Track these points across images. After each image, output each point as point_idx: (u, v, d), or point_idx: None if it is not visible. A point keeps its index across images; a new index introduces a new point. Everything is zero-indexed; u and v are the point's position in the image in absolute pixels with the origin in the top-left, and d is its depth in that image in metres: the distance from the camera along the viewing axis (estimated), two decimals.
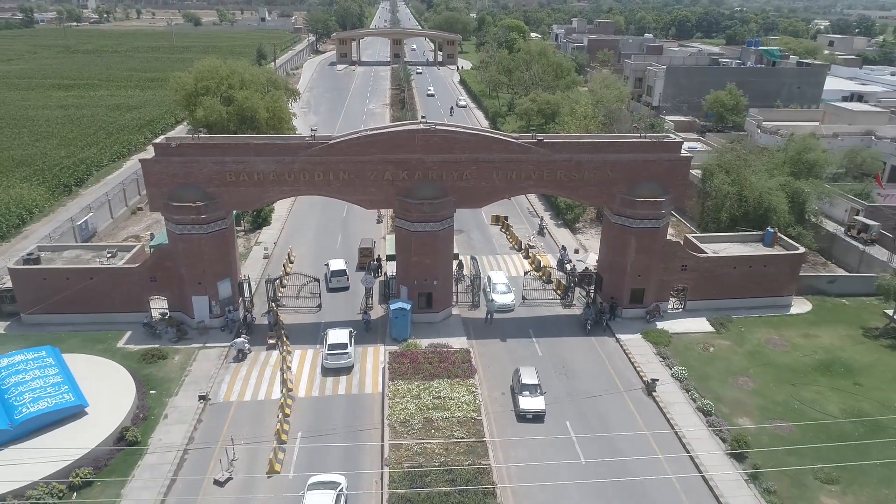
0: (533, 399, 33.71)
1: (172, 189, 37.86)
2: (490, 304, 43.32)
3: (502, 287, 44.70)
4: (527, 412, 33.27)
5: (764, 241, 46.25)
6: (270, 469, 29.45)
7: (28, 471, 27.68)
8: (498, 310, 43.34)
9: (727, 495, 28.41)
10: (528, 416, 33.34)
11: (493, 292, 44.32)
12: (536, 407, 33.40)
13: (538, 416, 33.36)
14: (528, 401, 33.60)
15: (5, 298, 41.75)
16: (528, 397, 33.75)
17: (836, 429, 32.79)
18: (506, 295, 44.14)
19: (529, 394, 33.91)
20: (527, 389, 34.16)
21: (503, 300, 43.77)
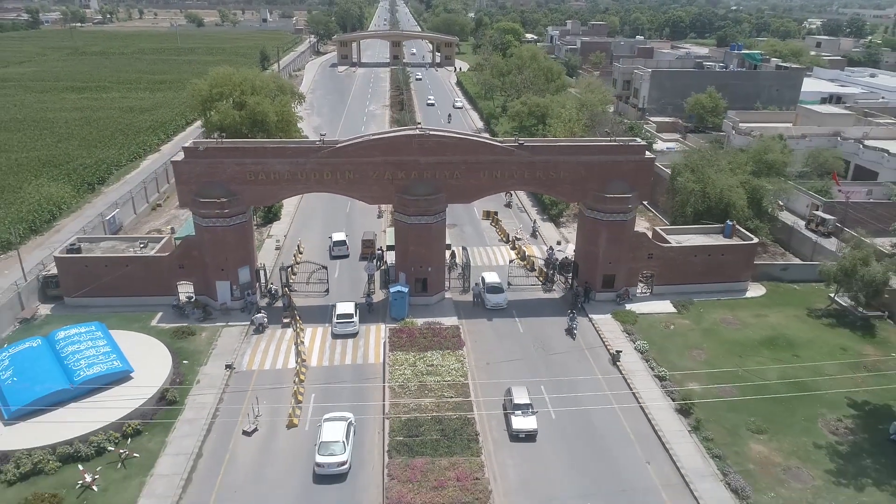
0: (525, 419, 34.38)
1: (199, 187, 43.38)
2: (475, 287, 48.59)
3: (494, 285, 48.52)
4: (519, 432, 33.98)
5: (724, 232, 51.79)
6: (289, 423, 35.03)
7: (89, 422, 33.22)
8: (491, 308, 46.96)
9: (672, 442, 33.98)
10: (521, 435, 34.03)
11: (486, 292, 47.91)
12: (528, 427, 34.09)
13: (530, 435, 34.10)
14: (520, 420, 34.30)
15: (50, 284, 47.33)
16: (521, 417, 34.40)
17: (771, 390, 38.31)
18: (497, 295, 47.73)
19: (521, 413, 34.54)
20: (519, 409, 34.74)
21: (496, 300, 47.36)
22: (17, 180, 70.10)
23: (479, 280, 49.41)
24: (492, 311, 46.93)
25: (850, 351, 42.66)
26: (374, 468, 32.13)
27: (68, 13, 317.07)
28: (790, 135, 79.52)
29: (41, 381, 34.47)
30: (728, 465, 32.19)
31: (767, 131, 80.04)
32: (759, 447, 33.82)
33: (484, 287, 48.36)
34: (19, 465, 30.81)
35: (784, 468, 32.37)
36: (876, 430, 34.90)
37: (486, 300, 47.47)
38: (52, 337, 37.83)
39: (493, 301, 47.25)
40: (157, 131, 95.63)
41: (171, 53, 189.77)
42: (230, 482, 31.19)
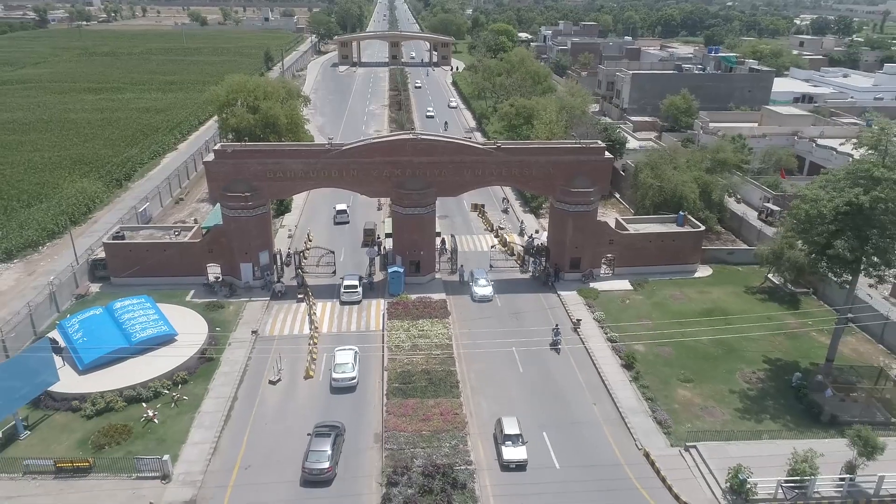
0: (515, 449, 35.06)
1: (227, 183, 51.43)
2: (461, 268, 56.70)
3: (482, 280, 54.21)
4: (510, 462, 34.61)
5: (677, 222, 59.88)
6: (306, 374, 43.24)
7: (146, 372, 41.41)
8: (479, 300, 52.56)
9: (615, 389, 42.13)
10: (512, 465, 34.72)
11: (475, 285, 53.76)
12: (519, 457, 34.70)
13: (521, 465, 34.74)
14: (510, 451, 34.95)
15: (98, 266, 55.52)
16: (511, 447, 35.12)
17: (703, 353, 46.47)
18: (485, 287, 53.38)
19: (512, 444, 35.26)
20: (509, 440, 35.43)
21: (483, 292, 52.96)
22: (53, 177, 78.03)
23: (468, 274, 55.56)
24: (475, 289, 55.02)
25: (774, 320, 50.74)
26: (375, 407, 40.33)
27: (74, 12, 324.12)
28: (752, 134, 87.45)
29: (105, 341, 42.65)
30: (657, 405, 40.35)
31: (733, 131, 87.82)
32: (684, 392, 42.02)
33: (472, 280, 54.53)
34: (94, 403, 38.99)
35: (702, 407, 40.56)
36: (781, 380, 43.04)
37: (473, 293, 53.52)
38: (111, 307, 45.97)
39: (480, 293, 53.12)
40: (174, 131, 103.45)
41: (178, 54, 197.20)
42: (261, 417, 39.41)
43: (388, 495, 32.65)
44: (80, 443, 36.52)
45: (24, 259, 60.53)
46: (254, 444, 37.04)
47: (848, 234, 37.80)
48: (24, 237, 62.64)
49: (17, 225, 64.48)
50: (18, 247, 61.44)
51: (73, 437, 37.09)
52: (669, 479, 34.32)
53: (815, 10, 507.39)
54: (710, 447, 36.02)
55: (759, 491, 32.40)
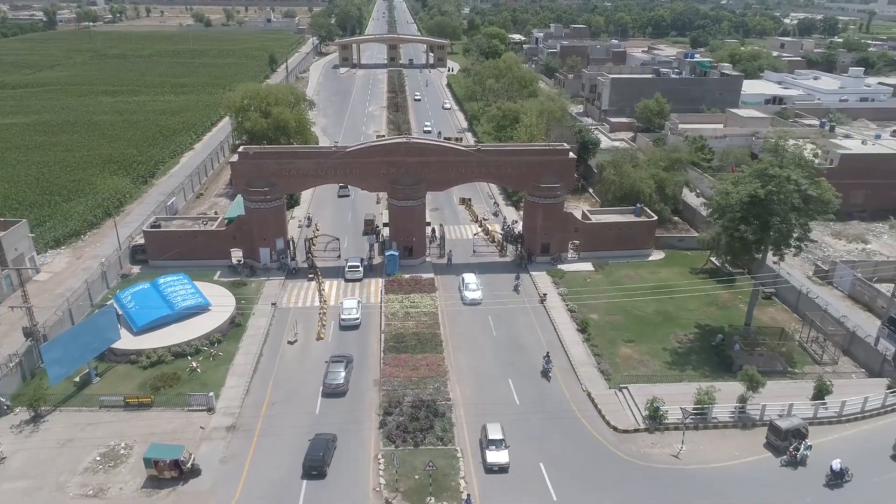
0: (498, 453, 37.87)
1: (249, 179, 60.90)
2: (449, 252, 66.21)
3: (473, 285, 58.95)
4: (493, 465, 37.55)
5: (634, 213, 69.40)
6: (318, 336, 52.83)
7: (188, 334, 50.98)
8: (469, 303, 57.32)
9: (569, 347, 51.66)
10: (495, 468, 37.58)
11: (465, 290, 58.47)
12: (501, 461, 37.59)
13: (503, 468, 37.58)
14: (494, 455, 37.87)
15: (137, 251, 65.06)
16: (494, 451, 37.98)
17: (646, 321, 56.01)
18: (475, 292, 58.05)
19: (495, 448, 38.06)
20: (493, 444, 38.18)
21: (473, 296, 57.65)
22: (87, 175, 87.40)
23: (460, 279, 60.45)
24: (460, 268, 64.54)
25: (710, 295, 60.36)
26: (375, 361, 49.90)
27: (81, 13, 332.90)
28: (714, 135, 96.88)
29: (153, 309, 52.22)
30: (602, 359, 49.92)
31: (700, 132, 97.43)
32: (626, 350, 51.62)
33: (463, 285, 59.29)
34: (149, 357, 48.59)
35: (638, 361, 50.15)
36: (706, 341, 52.52)
37: (463, 297, 58.31)
38: (156, 282, 55.52)
39: (470, 297, 57.78)
40: (189, 132, 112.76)
41: (186, 56, 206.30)
42: (283, 369, 49.01)
43: (384, 421, 42.28)
44: (140, 386, 46.09)
45: (71, 246, 70.02)
46: (278, 388, 46.66)
47: (751, 220, 47.36)
48: (69, 227, 72.09)
49: (61, 217, 73.94)
50: (65, 236, 70.87)
51: (134, 381, 46.69)
52: (604, 411, 43.94)
53: (808, 8, 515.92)
54: (638, 388, 45.62)
55: (669, 416, 42.00)
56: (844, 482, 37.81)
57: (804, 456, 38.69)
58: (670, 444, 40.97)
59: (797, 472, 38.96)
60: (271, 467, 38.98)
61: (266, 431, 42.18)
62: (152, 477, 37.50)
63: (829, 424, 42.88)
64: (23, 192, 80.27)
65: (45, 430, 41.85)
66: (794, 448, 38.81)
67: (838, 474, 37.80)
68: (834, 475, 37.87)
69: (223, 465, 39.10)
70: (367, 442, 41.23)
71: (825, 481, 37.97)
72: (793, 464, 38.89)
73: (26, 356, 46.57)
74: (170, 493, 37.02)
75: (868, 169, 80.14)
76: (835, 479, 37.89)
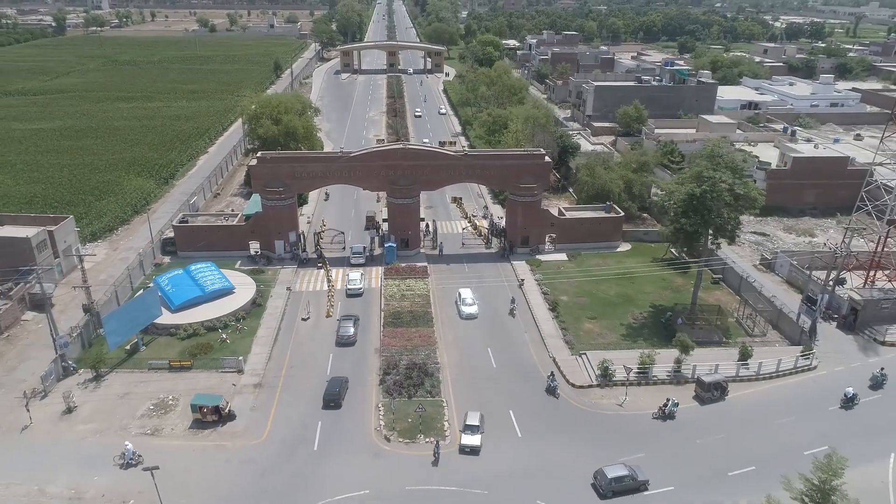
0: (472, 437, 43.59)
1: (266, 181, 70.07)
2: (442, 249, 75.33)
3: (469, 300, 62.67)
4: (465, 447, 43.40)
5: (605, 210, 78.57)
6: (327, 314, 62.04)
7: (217, 312, 60.16)
8: (466, 318, 60.86)
9: (541, 322, 60.76)
10: (466, 450, 43.40)
11: (462, 304, 62.29)
12: (474, 443, 43.32)
13: (475, 450, 43.43)
14: (468, 438, 43.65)
15: (167, 243, 74.25)
16: (469, 436, 43.71)
17: (609, 301, 65.18)
18: (471, 306, 61.71)
19: (470, 433, 43.79)
20: (469, 430, 43.87)
21: (469, 311, 61.28)
22: (114, 176, 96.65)
23: (456, 294, 64.36)
24: (450, 258, 73.70)
25: (667, 280, 69.56)
26: (375, 334, 59.06)
27: (89, 18, 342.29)
28: (685, 139, 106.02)
29: (187, 291, 61.41)
30: (568, 332, 59.06)
31: (673, 136, 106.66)
32: (589, 325, 60.80)
33: (460, 300, 63.02)
34: (185, 331, 57.79)
35: (598, 334, 59.31)
36: (657, 318, 61.61)
37: (460, 311, 61.81)
38: (188, 269, 64.70)
39: (466, 312, 61.27)
40: (203, 137, 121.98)
41: (194, 62, 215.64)
42: (298, 340, 58.20)
43: (383, 380, 51.46)
44: (180, 353, 55.25)
45: (106, 240, 79.25)
46: (295, 354, 55.88)
47: (691, 214, 56.55)
48: (103, 223, 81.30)
49: (96, 214, 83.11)
50: (100, 230, 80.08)
51: (174, 350, 55.87)
52: (565, 371, 53.14)
53: (801, 11, 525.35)
54: (594, 354, 54.75)
55: (617, 375, 51.18)
56: (854, 405, 49.09)
57: (672, 411, 47.82)
58: (616, 396, 50.17)
59: (719, 412, 48.17)
60: (292, 413, 48.19)
61: (286, 388, 51.38)
62: (197, 420, 46.65)
63: (748, 381, 52.11)
64: (59, 192, 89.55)
65: (106, 386, 51.07)
66: (664, 405, 47.95)
67: (850, 399, 49.10)
68: (847, 399, 49.18)
69: (253, 412, 48.30)
70: (369, 395, 50.42)
71: (840, 404, 49.38)
72: (662, 417, 47.88)
73: (85, 328, 55.79)
74: (211, 432, 46.19)
75: (818, 170, 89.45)
76: (847, 402, 49.20)
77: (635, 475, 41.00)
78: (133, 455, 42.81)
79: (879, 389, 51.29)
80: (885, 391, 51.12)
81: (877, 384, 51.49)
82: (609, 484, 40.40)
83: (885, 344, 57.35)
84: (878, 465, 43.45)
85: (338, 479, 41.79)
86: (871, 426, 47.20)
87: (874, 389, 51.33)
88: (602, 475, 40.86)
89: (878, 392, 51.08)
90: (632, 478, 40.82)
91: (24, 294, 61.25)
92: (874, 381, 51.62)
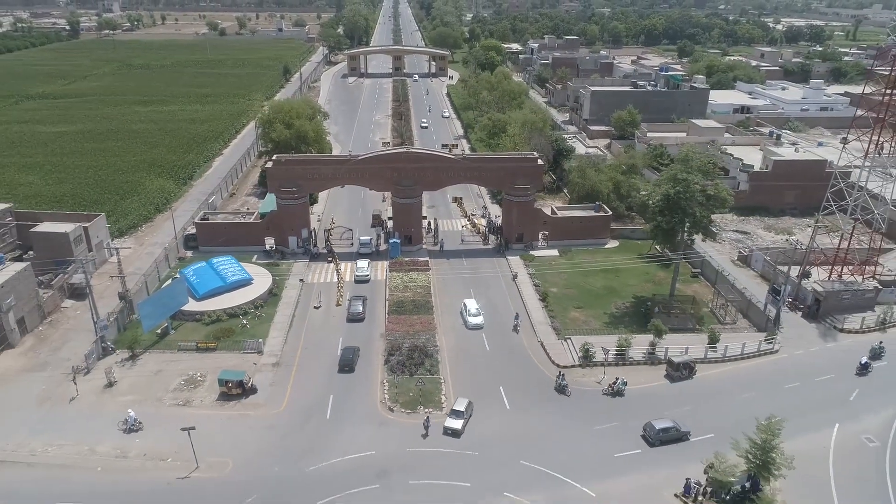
0: (455, 421, 48.17)
1: (281, 182, 76.26)
2: (443, 244, 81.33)
3: (474, 311, 64.67)
4: (447, 429, 47.94)
5: (594, 209, 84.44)
6: (337, 302, 68.20)
7: (237, 301, 66.36)
8: (472, 328, 62.90)
9: (532, 311, 66.67)
10: (448, 432, 47.88)
11: (468, 315, 64.32)
12: (454, 426, 47.82)
13: (455, 432, 47.83)
14: (450, 421, 48.30)
15: (189, 239, 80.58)
16: (452, 420, 48.45)
17: (594, 293, 71.05)
18: (477, 317, 63.78)
19: (455, 417, 48.58)
20: (454, 414, 48.70)
21: (475, 321, 63.35)
22: (136, 177, 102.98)
23: (461, 305, 66.44)
24: (449, 253, 79.71)
25: (650, 274, 75.36)
26: (380, 321, 65.13)
27: (102, 21, 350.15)
28: (675, 142, 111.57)
29: (210, 281, 67.65)
30: (556, 320, 64.94)
31: (664, 140, 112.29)
32: (575, 314, 66.70)
33: (465, 310, 65.16)
34: (209, 316, 64.01)
35: (583, 321, 65.19)
36: (639, 308, 67.43)
37: (466, 322, 64.11)
38: (211, 261, 70.96)
39: (472, 322, 63.41)
40: (218, 139, 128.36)
41: (205, 66, 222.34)
42: (311, 325, 64.33)
43: (388, 360, 57.51)
44: (205, 336, 61.47)
45: (132, 235, 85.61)
46: (308, 338, 62.03)
47: (667, 213, 62.39)
48: (129, 221, 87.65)
49: (121, 213, 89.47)
50: (126, 227, 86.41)
51: (200, 333, 62.09)
52: (551, 353, 59.08)
53: (805, 13, 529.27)
54: (578, 338, 60.67)
55: (597, 356, 57.09)
56: (869, 372, 56.25)
57: (620, 389, 53.47)
58: (595, 374, 56.09)
59: (687, 388, 54.00)
60: (307, 388, 54.34)
61: (301, 367, 57.51)
62: (223, 393, 52.81)
63: (716, 363, 57.96)
64: (86, 192, 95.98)
65: (141, 364, 57.33)
66: (613, 382, 53.58)
67: (864, 366, 56.29)
68: (862, 367, 56.30)
69: (272, 387, 54.45)
70: (375, 373, 56.48)
71: (857, 371, 56.74)
72: (611, 394, 53.51)
73: (120, 314, 62.10)
74: (236, 404, 52.34)
75: (797, 172, 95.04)
76: (862, 369, 56.28)
77: (679, 427, 48.21)
78: (134, 421, 49.04)
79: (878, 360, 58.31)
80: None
81: (875, 356, 58.50)
82: (657, 434, 47.39)
83: (843, 331, 63.14)
84: (824, 433, 49.30)
85: (347, 442, 47.87)
86: (825, 399, 53.00)
87: (874, 360, 58.28)
88: (651, 427, 48.02)
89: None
90: (676, 429, 48.09)
91: (64, 284, 67.63)
92: (873, 353, 58.54)
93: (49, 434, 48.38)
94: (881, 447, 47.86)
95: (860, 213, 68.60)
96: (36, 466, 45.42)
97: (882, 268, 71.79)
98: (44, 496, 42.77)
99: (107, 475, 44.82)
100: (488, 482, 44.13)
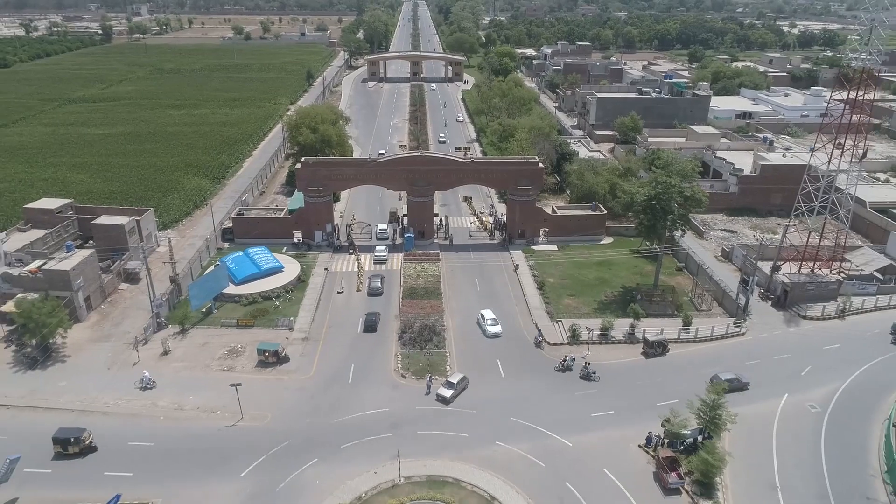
0: (445, 390, 55.98)
1: (308, 181, 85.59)
2: (452, 239, 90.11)
3: (491, 320, 68.65)
4: (438, 396, 55.95)
5: (591, 208, 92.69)
6: (357, 288, 77.32)
7: (271, 285, 75.72)
8: (491, 337, 66.71)
9: (529, 298, 75.16)
10: (438, 398, 56.05)
11: (486, 324, 67.97)
12: (445, 395, 55.64)
13: (445, 400, 55.77)
14: (443, 390, 56.24)
15: (226, 232, 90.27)
16: (444, 389, 56.29)
17: (587, 283, 79.35)
18: (494, 326, 67.88)
19: (446, 387, 56.25)
20: (448, 385, 56.33)
21: (493, 330, 67.43)
22: (175, 176, 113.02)
23: (478, 315, 70.06)
24: (458, 247, 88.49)
25: (639, 267, 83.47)
26: (395, 304, 74.06)
27: (133, 26, 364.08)
28: (673, 147, 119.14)
29: (247, 268, 77.15)
30: (551, 306, 73.38)
31: (663, 145, 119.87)
32: (569, 301, 75.11)
33: (482, 320, 68.90)
34: (247, 299, 73.45)
35: (575, 307, 73.58)
36: (626, 296, 75.59)
37: (485, 330, 67.74)
38: (247, 251, 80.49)
39: (491, 331, 67.18)
40: (248, 141, 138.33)
41: (232, 71, 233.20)
42: (335, 307, 73.50)
43: (401, 336, 66.45)
44: (244, 314, 70.89)
45: (174, 229, 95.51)
46: (333, 318, 71.19)
47: (648, 212, 70.60)
48: (171, 216, 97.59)
49: (164, 208, 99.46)
50: (168, 222, 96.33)
51: (239, 313, 71.52)
52: (544, 333, 67.58)
53: (823, 17, 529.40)
54: (568, 320, 69.09)
55: (583, 336, 65.53)
56: None
57: (570, 364, 61.31)
58: (581, 351, 64.51)
59: (659, 363, 62.18)
60: (332, 358, 63.46)
61: (327, 341, 66.69)
62: (261, 361, 62.08)
63: (688, 343, 66.14)
64: (131, 189, 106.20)
65: (190, 337, 66.87)
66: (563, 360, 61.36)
67: None
68: None
69: (302, 357, 63.66)
70: (391, 347, 65.43)
71: (892, 339, 66.34)
72: (562, 370, 61.22)
73: (171, 294, 71.76)
74: (272, 370, 61.59)
75: (783, 176, 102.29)
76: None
77: (741, 378, 57.91)
78: (149, 381, 58.39)
79: None
80: None
81: None
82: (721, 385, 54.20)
83: (805, 318, 70.92)
84: (773, 401, 57.34)
85: (366, 401, 56.88)
86: (780, 373, 60.91)
87: None
88: (717, 378, 56.92)
89: None
90: (738, 380, 57.68)
91: (120, 269, 77.51)
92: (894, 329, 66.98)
93: (118, 391, 58.00)
94: (821, 412, 55.77)
95: (828, 214, 76.19)
96: (110, 415, 55.04)
97: (849, 263, 79.31)
98: (119, 437, 52.28)
99: (168, 423, 54.29)
100: (483, 433, 52.85)
